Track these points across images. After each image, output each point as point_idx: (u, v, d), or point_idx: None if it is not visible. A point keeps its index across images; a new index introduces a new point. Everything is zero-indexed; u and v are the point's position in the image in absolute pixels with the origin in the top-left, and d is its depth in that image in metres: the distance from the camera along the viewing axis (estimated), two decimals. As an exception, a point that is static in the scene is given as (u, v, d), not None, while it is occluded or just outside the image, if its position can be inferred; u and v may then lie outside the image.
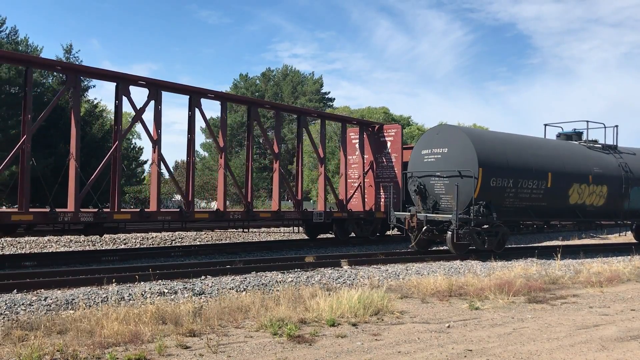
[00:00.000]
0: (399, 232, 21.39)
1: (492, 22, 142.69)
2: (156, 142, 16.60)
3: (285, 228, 25.04)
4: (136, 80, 16.37)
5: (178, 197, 54.84)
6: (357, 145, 22.95)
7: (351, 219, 21.49)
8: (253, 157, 19.85)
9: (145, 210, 16.18)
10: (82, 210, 14.95)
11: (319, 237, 22.78)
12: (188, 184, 17.52)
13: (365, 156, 22.76)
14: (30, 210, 14.28)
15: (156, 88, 16.57)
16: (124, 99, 15.92)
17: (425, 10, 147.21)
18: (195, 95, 17.74)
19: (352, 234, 22.00)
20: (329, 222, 21.06)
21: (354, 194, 22.66)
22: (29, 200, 14.17)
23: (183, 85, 17.86)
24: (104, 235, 19.98)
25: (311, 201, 51.03)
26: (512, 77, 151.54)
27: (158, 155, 16.65)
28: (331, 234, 22.63)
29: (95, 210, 15.07)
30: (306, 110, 24.73)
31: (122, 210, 16.47)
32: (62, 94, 15.52)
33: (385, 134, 22.83)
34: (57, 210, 14.16)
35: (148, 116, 16.81)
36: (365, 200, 22.59)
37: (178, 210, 17.01)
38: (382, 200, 22.37)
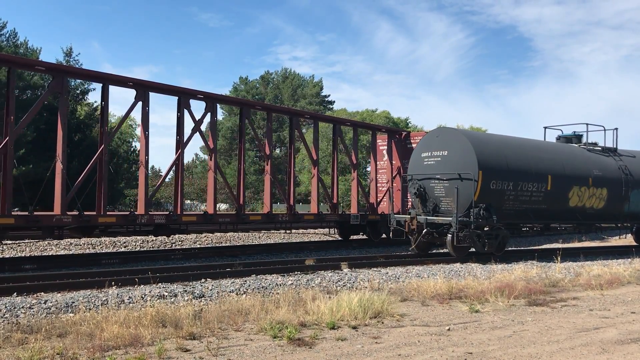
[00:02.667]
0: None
1: (493, 25, 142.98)
2: (212, 150, 18.31)
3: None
4: (195, 95, 18.01)
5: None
6: (384, 152, 24.10)
7: (383, 221, 22.37)
8: (270, 162, 20.85)
9: (208, 213, 17.85)
10: (155, 212, 17.07)
11: (351, 238, 23.88)
12: (239, 190, 19.18)
13: (393, 162, 23.86)
14: (113, 213, 17.30)
15: (212, 101, 18.42)
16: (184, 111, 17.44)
17: (426, 12, 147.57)
18: (246, 107, 19.89)
19: (383, 235, 22.88)
20: (363, 224, 22.26)
21: (383, 197, 23.76)
22: (107, 204, 15.96)
23: (236, 98, 19.92)
24: (104, 239, 20.02)
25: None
26: (512, 80, 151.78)
27: (215, 162, 18.25)
28: (362, 235, 23.67)
29: (167, 212, 16.90)
30: (341, 120, 26.41)
31: (188, 213, 19.00)
32: (133, 108, 16.73)
33: (412, 141, 23.97)
34: (135, 213, 15.96)
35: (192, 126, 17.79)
36: (394, 203, 23.45)
37: (235, 213, 18.76)
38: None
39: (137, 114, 16.78)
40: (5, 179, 13.94)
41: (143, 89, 16.31)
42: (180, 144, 17.37)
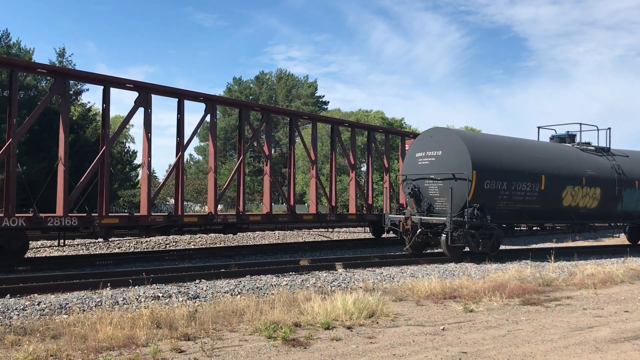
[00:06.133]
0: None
1: (488, 25, 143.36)
2: (268, 157, 20.47)
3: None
4: (254, 107, 21.60)
5: (172, 201, 54.59)
6: None
7: None
8: (294, 165, 22.46)
9: (271, 213, 19.92)
10: (227, 213, 19.92)
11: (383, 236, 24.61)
12: (290, 192, 21.13)
13: None
14: (194, 214, 20.63)
15: (267, 112, 20.77)
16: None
17: (422, 12, 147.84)
18: (295, 117, 22.49)
19: None
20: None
21: None
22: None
23: (286, 109, 22.15)
24: (99, 240, 19.93)
25: (305, 204, 50.94)
26: (507, 80, 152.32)
27: (270, 167, 20.37)
28: (392, 233, 24.16)
29: (237, 213, 18.88)
30: (375, 127, 28.15)
31: (253, 213, 22.65)
32: (203, 120, 18.61)
33: None
34: (212, 213, 18.05)
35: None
36: None
37: (290, 213, 20.58)
38: None
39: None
40: (102, 185, 15.63)
41: (212, 103, 18.53)
42: (242, 152, 19.66)
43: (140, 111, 16.62)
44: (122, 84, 16.34)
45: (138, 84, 16.53)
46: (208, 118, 18.77)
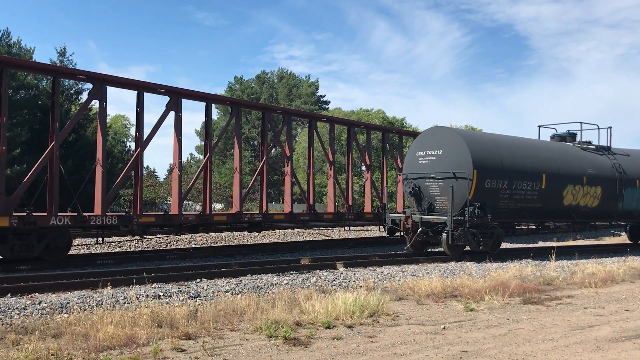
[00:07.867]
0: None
1: (489, 24, 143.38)
2: (289, 158, 21.77)
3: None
4: (275, 110, 22.85)
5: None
6: None
7: None
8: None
9: (293, 212, 20.79)
10: (253, 212, 20.75)
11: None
12: (309, 192, 22.11)
13: None
14: (223, 212, 22.43)
15: (289, 115, 22.03)
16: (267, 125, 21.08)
17: (423, 11, 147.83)
18: (314, 120, 23.44)
19: None
20: None
21: None
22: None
23: (306, 112, 24.30)
24: (98, 239, 19.93)
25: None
26: (508, 79, 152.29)
27: (290, 168, 21.71)
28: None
29: (264, 212, 19.61)
30: (389, 128, 30.01)
31: (277, 212, 23.15)
32: (229, 123, 20.23)
33: None
34: (239, 212, 18.67)
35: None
36: None
37: (312, 212, 21.32)
38: None
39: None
40: (137, 186, 16.45)
41: (237, 106, 19.96)
42: (265, 154, 20.86)
43: (171, 115, 17.40)
44: (154, 89, 17.15)
45: (170, 88, 17.34)
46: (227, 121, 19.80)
